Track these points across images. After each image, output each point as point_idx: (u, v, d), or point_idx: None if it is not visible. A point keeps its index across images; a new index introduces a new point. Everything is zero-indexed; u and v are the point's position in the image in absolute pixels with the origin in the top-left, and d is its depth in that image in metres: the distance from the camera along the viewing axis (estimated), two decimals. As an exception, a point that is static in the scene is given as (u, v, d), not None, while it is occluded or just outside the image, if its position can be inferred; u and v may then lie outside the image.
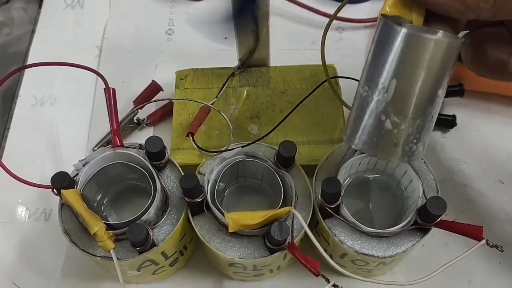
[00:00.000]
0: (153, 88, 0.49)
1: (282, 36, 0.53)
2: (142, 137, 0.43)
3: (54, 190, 0.34)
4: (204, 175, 0.36)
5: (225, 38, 0.54)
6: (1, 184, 0.44)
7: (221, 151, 0.37)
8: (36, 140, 0.48)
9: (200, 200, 0.34)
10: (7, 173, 0.35)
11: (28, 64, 0.52)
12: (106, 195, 0.40)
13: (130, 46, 0.54)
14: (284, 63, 0.47)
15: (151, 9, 0.57)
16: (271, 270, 0.38)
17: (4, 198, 0.45)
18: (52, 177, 0.33)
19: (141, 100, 0.48)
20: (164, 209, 0.36)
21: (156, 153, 0.35)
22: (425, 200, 0.32)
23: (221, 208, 0.34)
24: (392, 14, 0.28)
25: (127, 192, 0.40)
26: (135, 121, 0.48)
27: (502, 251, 0.33)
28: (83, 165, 0.36)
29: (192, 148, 0.40)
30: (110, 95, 0.36)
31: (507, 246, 0.42)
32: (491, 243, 0.32)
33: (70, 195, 0.33)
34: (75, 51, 0.54)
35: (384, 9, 0.29)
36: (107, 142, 0.47)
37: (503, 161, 0.46)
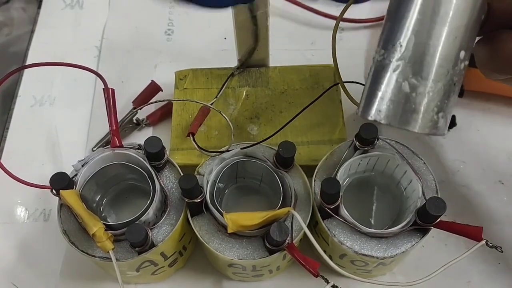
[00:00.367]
0: (153, 89, 0.49)
1: (282, 37, 0.53)
2: (141, 138, 0.43)
3: (53, 191, 0.34)
4: (203, 176, 0.36)
5: (225, 39, 0.54)
6: (0, 185, 0.44)
7: (222, 152, 0.37)
8: (35, 141, 0.48)
9: (199, 201, 0.34)
10: (6, 174, 0.35)
11: (28, 64, 0.52)
12: (105, 196, 0.40)
13: (130, 46, 0.54)
14: (284, 64, 0.47)
15: (151, 9, 0.57)
16: (271, 271, 0.38)
17: (3, 199, 0.45)
18: (51, 178, 0.33)
19: (141, 100, 0.48)
20: (163, 210, 0.36)
21: (155, 154, 0.35)
22: (425, 201, 0.32)
23: (220, 209, 0.34)
24: None
25: (126, 193, 0.40)
26: (134, 122, 0.48)
27: (502, 252, 0.33)
28: (82, 166, 0.36)
29: (192, 149, 0.40)
30: (109, 96, 0.36)
31: (507, 247, 0.42)
32: (491, 244, 0.32)
33: (69, 196, 0.33)
34: (75, 51, 0.54)
35: None
36: (106, 143, 0.47)
37: (503, 162, 0.46)
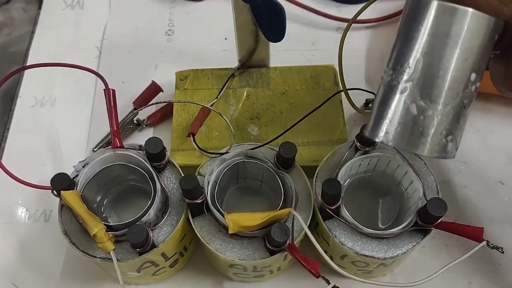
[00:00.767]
0: (153, 89, 0.49)
1: (282, 37, 0.53)
2: (142, 138, 0.43)
3: (54, 191, 0.34)
4: (204, 176, 0.36)
5: (225, 39, 0.54)
6: (1, 185, 0.44)
7: (222, 153, 0.37)
8: (36, 141, 0.48)
9: (200, 201, 0.34)
10: (7, 174, 0.35)
11: (28, 65, 0.52)
12: (106, 196, 0.40)
13: (130, 47, 0.54)
14: (284, 64, 0.47)
15: (151, 10, 0.57)
16: (271, 271, 0.38)
17: (4, 199, 0.45)
18: (52, 178, 0.33)
19: (141, 101, 0.48)
20: (164, 210, 0.36)
21: (156, 154, 0.35)
22: (426, 201, 0.32)
23: (221, 209, 0.34)
24: None
25: (127, 193, 0.40)
26: (135, 122, 0.48)
27: (503, 253, 0.33)
28: (83, 166, 0.36)
29: (192, 149, 0.40)
30: (110, 96, 0.35)
31: (508, 248, 0.42)
32: (492, 245, 0.32)
33: (70, 196, 0.33)
34: (75, 52, 0.54)
35: None
36: (107, 143, 0.47)
37: (503, 162, 0.46)
